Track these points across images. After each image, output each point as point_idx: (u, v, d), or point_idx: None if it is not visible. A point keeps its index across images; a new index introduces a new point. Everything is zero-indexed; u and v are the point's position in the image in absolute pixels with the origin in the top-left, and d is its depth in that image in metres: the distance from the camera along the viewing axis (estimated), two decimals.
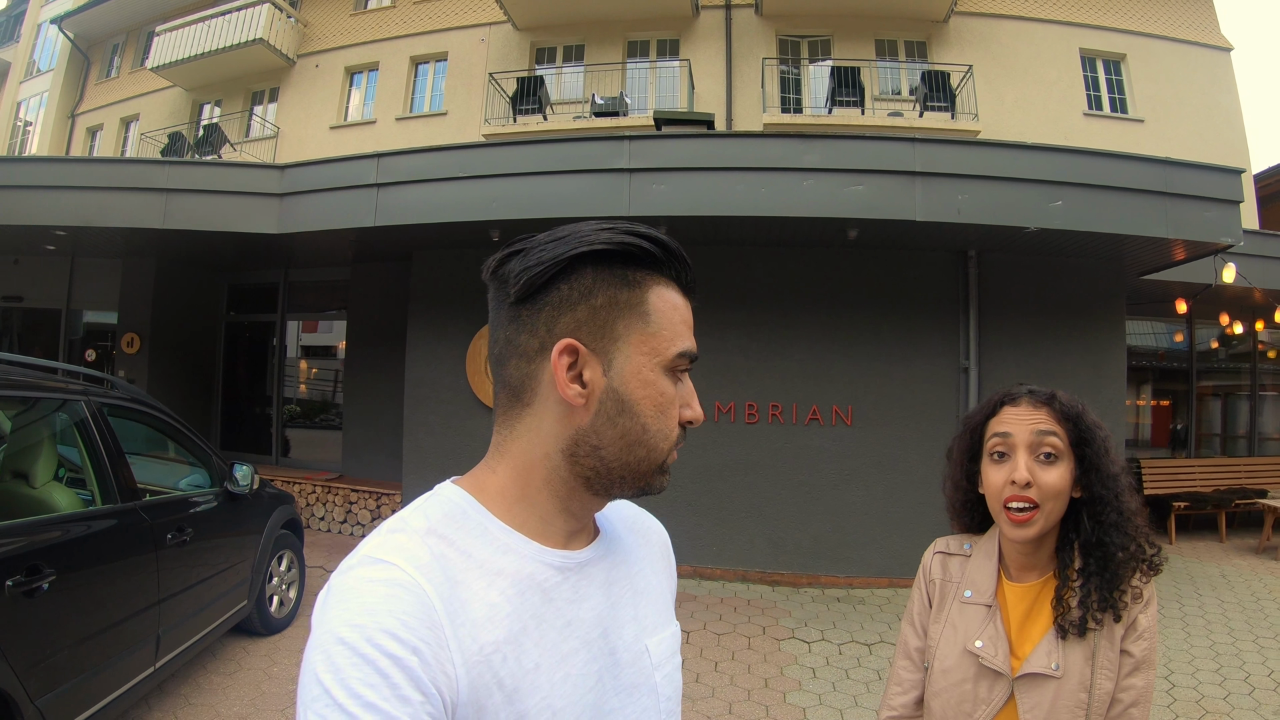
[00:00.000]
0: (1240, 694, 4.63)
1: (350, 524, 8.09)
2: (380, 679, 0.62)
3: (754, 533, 6.77)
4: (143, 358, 9.34)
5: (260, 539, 4.81)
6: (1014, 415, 1.36)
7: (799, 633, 5.54)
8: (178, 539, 3.72)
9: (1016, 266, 6.94)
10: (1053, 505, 1.31)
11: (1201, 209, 6.09)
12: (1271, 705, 4.46)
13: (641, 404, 0.77)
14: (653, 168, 6.06)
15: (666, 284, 0.80)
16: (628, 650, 0.83)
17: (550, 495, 0.80)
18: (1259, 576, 7.39)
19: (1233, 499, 9.27)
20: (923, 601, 1.49)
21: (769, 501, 6.79)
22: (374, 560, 0.70)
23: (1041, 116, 11.75)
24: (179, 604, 3.73)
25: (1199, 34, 12.80)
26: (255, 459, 9.21)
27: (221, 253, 8.63)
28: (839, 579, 6.68)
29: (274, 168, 7.34)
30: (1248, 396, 11.17)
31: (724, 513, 6.80)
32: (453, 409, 7.29)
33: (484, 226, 6.41)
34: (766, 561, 6.76)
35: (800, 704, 4.36)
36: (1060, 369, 6.80)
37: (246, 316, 10.32)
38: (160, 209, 6.96)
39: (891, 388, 6.76)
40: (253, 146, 14.08)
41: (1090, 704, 1.26)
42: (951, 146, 6.45)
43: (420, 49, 13.61)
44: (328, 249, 8.13)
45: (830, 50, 12.60)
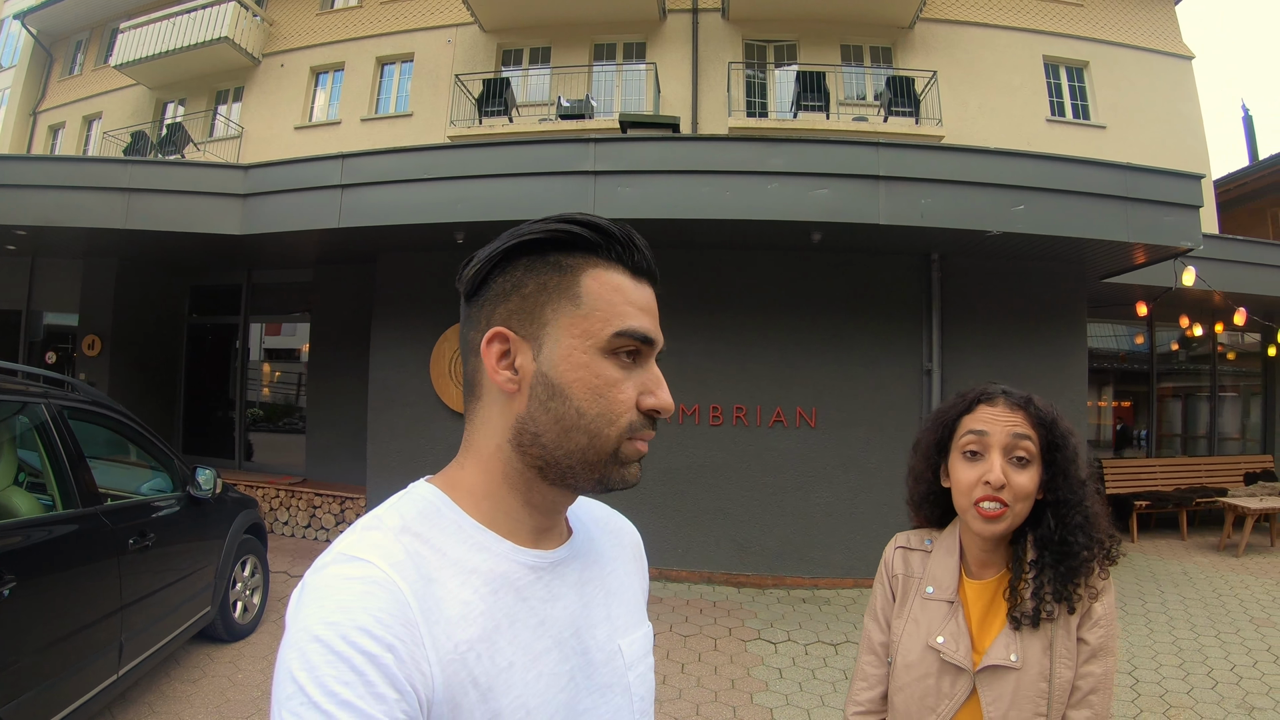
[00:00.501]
0: (1203, 688, 4.71)
1: (314, 528, 7.98)
2: (355, 676, 0.62)
3: (719, 534, 6.77)
4: (104, 360, 9.15)
5: (223, 544, 4.73)
6: (991, 414, 1.37)
7: (765, 634, 5.55)
8: (140, 544, 3.67)
9: (979, 270, 7.01)
10: (1022, 507, 1.33)
11: (1162, 214, 6.19)
12: (1234, 698, 4.54)
13: (573, 387, 0.76)
14: (618, 170, 6.04)
15: (606, 266, 0.79)
16: (601, 650, 0.83)
17: (510, 489, 0.80)
18: (1220, 573, 7.53)
19: (1193, 498, 9.44)
20: (885, 596, 1.50)
21: (734, 503, 6.80)
22: (349, 558, 0.70)
23: (1005, 122, 11.92)
24: (142, 610, 3.68)
25: (1161, 42, 13.05)
26: (218, 463, 9.04)
27: (184, 254, 8.49)
28: (804, 580, 6.69)
29: (238, 168, 7.23)
30: (1208, 397, 11.39)
31: (689, 515, 6.79)
32: (417, 412, 7.22)
33: (449, 229, 6.36)
34: (732, 563, 6.76)
35: (767, 704, 4.36)
36: (1023, 371, 6.87)
37: (209, 319, 10.15)
38: (122, 209, 6.83)
39: (855, 389, 6.79)
40: (217, 146, 13.87)
41: (1051, 693, 1.28)
42: (915, 151, 6.52)
43: (386, 50, 13.53)
44: (292, 251, 8.03)
45: (796, 55, 12.71)
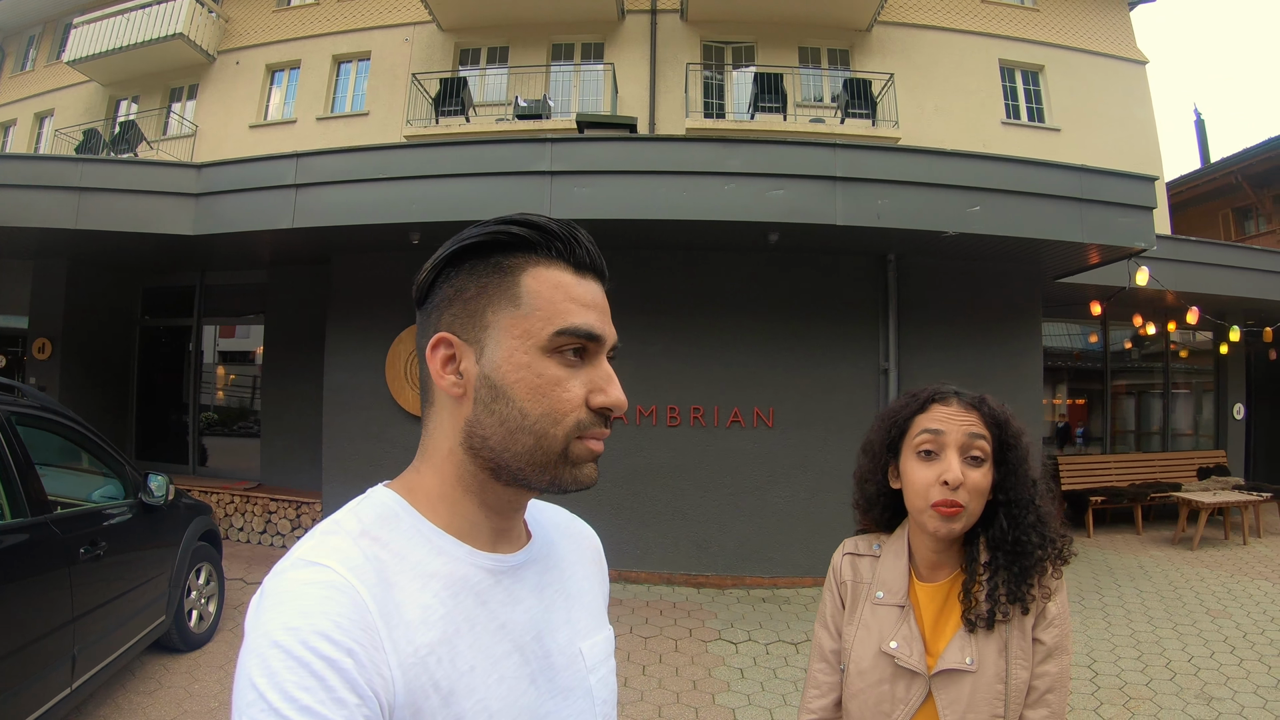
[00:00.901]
0: (1162, 679, 4.79)
1: (270, 534, 7.83)
2: (315, 682, 0.61)
3: (678, 535, 6.76)
4: (55, 364, 8.92)
5: (177, 552, 4.64)
6: (946, 414, 1.36)
7: (726, 634, 5.54)
8: (91, 553, 3.58)
9: (936, 270, 7.07)
10: (976, 505, 1.32)
11: (1117, 215, 6.29)
12: (1192, 689, 4.61)
13: (515, 388, 0.76)
14: (575, 170, 6.00)
15: (548, 264, 0.78)
16: (562, 653, 0.83)
17: (466, 491, 0.79)
18: (1175, 567, 7.67)
19: (1148, 493, 9.62)
20: (834, 603, 1.48)
21: (692, 504, 6.79)
22: (307, 563, 0.69)
23: (961, 124, 12.07)
24: (95, 621, 3.59)
25: (1116, 47, 13.30)
26: (172, 468, 8.88)
27: (137, 255, 8.29)
28: (764, 579, 6.70)
29: (191, 167, 7.07)
30: (1161, 394, 11.62)
31: (647, 516, 6.77)
32: (373, 416, 7.11)
33: (404, 229, 6.26)
34: (691, 564, 6.75)
35: (729, 705, 4.36)
36: (979, 370, 6.95)
37: (162, 321, 9.92)
38: (73, 208, 6.64)
39: (812, 389, 6.81)
40: (170, 145, 13.59)
41: (1008, 694, 1.27)
42: (872, 152, 6.55)
43: (343, 48, 13.37)
44: (245, 251, 7.87)
45: (754, 57, 12.76)
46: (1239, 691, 4.57)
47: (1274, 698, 4.48)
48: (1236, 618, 5.99)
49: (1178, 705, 4.40)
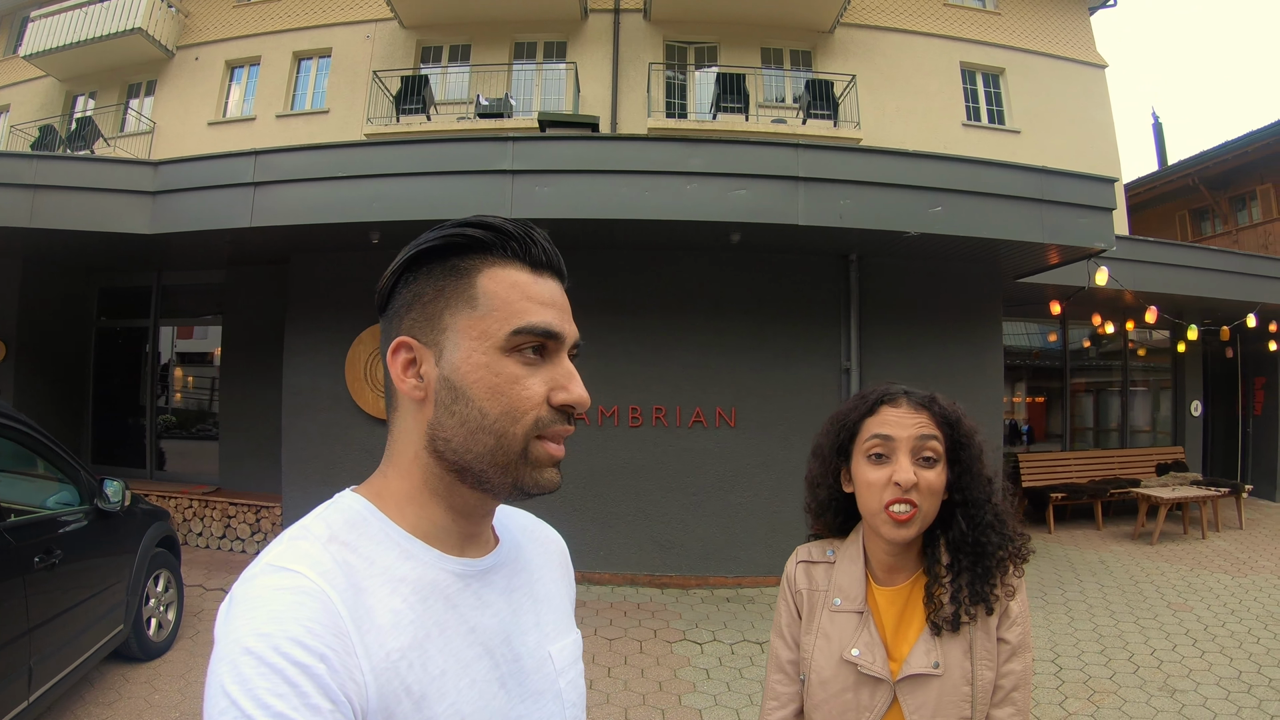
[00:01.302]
0: (1125, 672, 4.86)
1: (229, 539, 7.68)
2: (289, 688, 0.61)
3: (641, 536, 6.74)
4: (8, 366, 8.67)
5: (135, 559, 4.55)
6: (895, 416, 1.33)
7: (690, 634, 5.54)
8: (46, 562, 3.51)
9: (897, 270, 7.12)
10: (930, 506, 1.30)
11: (1076, 215, 6.38)
12: (1156, 681, 4.68)
13: (473, 388, 0.76)
14: (536, 170, 5.95)
15: (504, 264, 0.79)
16: (531, 657, 0.83)
17: (433, 495, 0.79)
18: (1136, 561, 7.80)
19: (1108, 489, 9.77)
20: (790, 613, 1.45)
21: (655, 504, 6.78)
22: (277, 568, 0.69)
23: (922, 126, 12.20)
24: (51, 632, 3.52)
25: (1075, 51, 13.51)
26: (129, 473, 8.71)
27: (92, 254, 8.11)
28: (728, 579, 6.70)
29: (148, 164, 6.92)
30: (1119, 392, 11.82)
31: (610, 517, 6.74)
32: (332, 417, 7.01)
33: (364, 228, 6.18)
34: (655, 564, 6.73)
35: (696, 705, 4.35)
36: (940, 369, 7.01)
37: (119, 322, 9.70)
38: (27, 206, 6.47)
39: (774, 389, 6.83)
40: (128, 142, 13.32)
41: (974, 695, 1.25)
42: (835, 152, 6.58)
43: (304, 44, 13.19)
44: (203, 251, 7.72)
45: (717, 57, 12.80)
46: (1201, 683, 4.65)
47: (1236, 689, 4.57)
48: (1197, 610, 6.11)
49: (1141, 698, 4.47)
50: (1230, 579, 7.03)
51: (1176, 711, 4.27)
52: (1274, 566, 7.49)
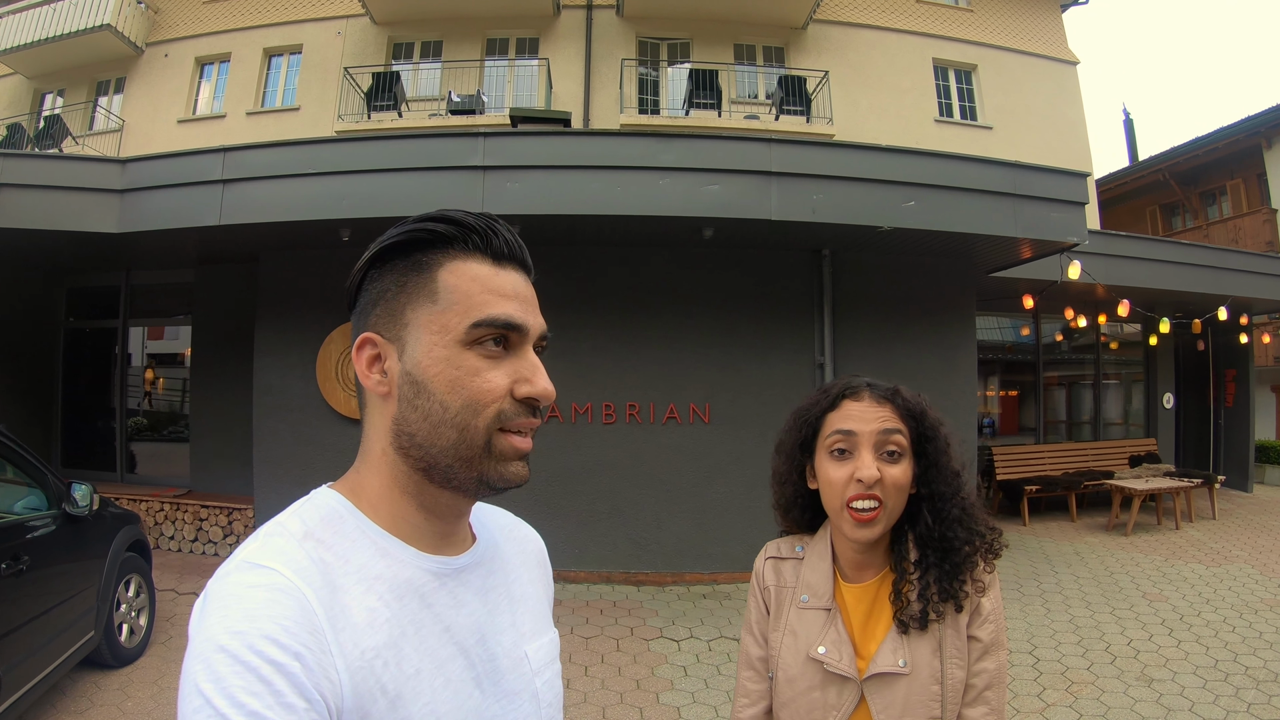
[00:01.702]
0: (1103, 663, 4.90)
1: (202, 542, 7.58)
2: (263, 686, 0.60)
3: (616, 534, 6.72)
4: None
5: (105, 563, 4.48)
6: (857, 411, 1.30)
7: (667, 631, 5.53)
8: (13, 569, 3.48)
9: (870, 265, 7.14)
10: (895, 503, 1.27)
11: (1049, 210, 6.42)
12: (1133, 671, 4.72)
13: (434, 382, 0.75)
14: (507, 165, 5.90)
15: (465, 258, 0.78)
16: (507, 656, 0.83)
17: (403, 493, 0.79)
18: (1110, 552, 7.89)
19: (1082, 481, 9.89)
20: (759, 610, 1.42)
21: (629, 502, 6.76)
22: (252, 565, 0.69)
23: (894, 122, 12.26)
24: (20, 640, 3.47)
25: (1047, 48, 13.64)
26: (100, 476, 8.62)
27: (60, 254, 7.97)
28: (703, 575, 6.70)
29: (115, 162, 6.78)
30: (1091, 385, 11.94)
31: (584, 515, 6.71)
32: (304, 417, 6.94)
33: (334, 225, 6.11)
34: (630, 562, 6.72)
35: (674, 703, 4.34)
36: (913, 363, 7.04)
37: (87, 323, 9.56)
38: None
39: (748, 385, 6.82)
40: (97, 140, 13.12)
41: (944, 695, 1.23)
42: (807, 147, 6.58)
43: (274, 41, 13.08)
44: (172, 249, 7.61)
45: (690, 53, 12.82)
46: (1179, 673, 4.70)
47: (1213, 678, 4.61)
48: (1173, 600, 6.17)
49: (1119, 688, 4.50)
50: (1204, 569, 7.11)
51: (1154, 701, 4.31)
52: (1247, 556, 7.60)
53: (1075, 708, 4.26)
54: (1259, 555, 7.63)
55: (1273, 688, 4.45)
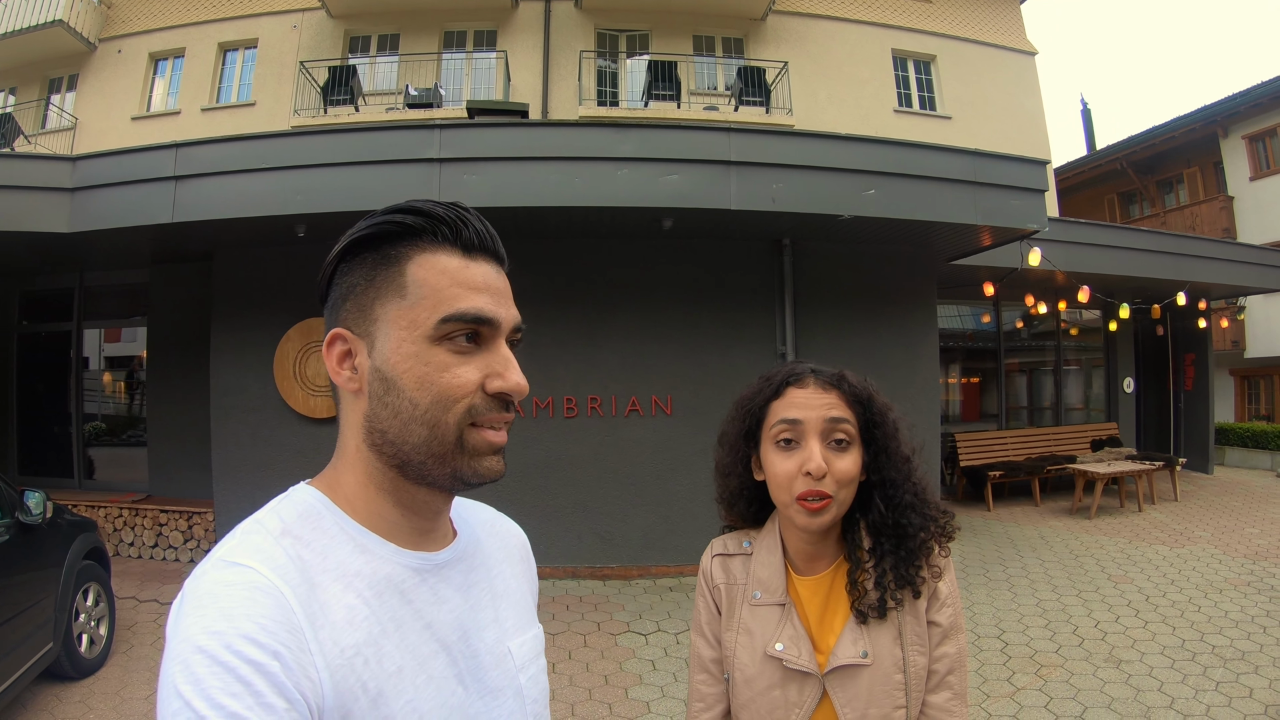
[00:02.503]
0: (1071, 645, 4.95)
1: (162, 548, 7.44)
2: (243, 687, 0.60)
3: (581, 528, 6.69)
4: None
5: (61, 573, 4.37)
6: (803, 398, 1.26)
7: (635, 625, 5.52)
8: None
9: (831, 254, 7.16)
10: (846, 494, 1.23)
11: (1009, 197, 6.47)
12: (1101, 653, 4.77)
13: (403, 379, 0.74)
14: (464, 157, 5.84)
15: (434, 250, 0.77)
16: (490, 653, 0.82)
17: (379, 490, 0.78)
18: (1075, 535, 7.99)
19: (1045, 465, 10.02)
20: (709, 610, 1.37)
21: (593, 496, 6.74)
22: (229, 563, 0.68)
23: (854, 112, 12.35)
24: None
25: (1006, 38, 13.78)
26: (56, 483, 8.44)
27: (11, 255, 7.75)
28: (670, 568, 6.69)
29: (66, 160, 6.62)
30: (1052, 371, 12.11)
31: (549, 509, 6.67)
32: (262, 418, 6.83)
33: (289, 221, 6.02)
34: (596, 556, 6.70)
35: (643, 698, 4.32)
36: (876, 352, 7.08)
37: (41, 326, 9.34)
38: None
39: (711, 376, 6.82)
40: (49, 139, 12.85)
41: (908, 683, 1.21)
42: (767, 136, 6.58)
43: (229, 35, 12.89)
44: (125, 249, 7.46)
45: (649, 45, 12.81)
46: (1146, 653, 4.76)
47: (1180, 657, 4.68)
48: (1138, 582, 6.25)
49: (1088, 669, 4.55)
50: (1168, 550, 7.23)
51: (1123, 681, 4.37)
52: (1210, 537, 7.73)
53: (1045, 690, 4.30)
54: (1221, 536, 7.76)
55: (1240, 666, 4.52)
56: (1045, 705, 4.13)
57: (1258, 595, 5.80)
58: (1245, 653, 4.71)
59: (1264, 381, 15.15)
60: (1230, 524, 8.35)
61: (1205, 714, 3.96)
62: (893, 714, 1.21)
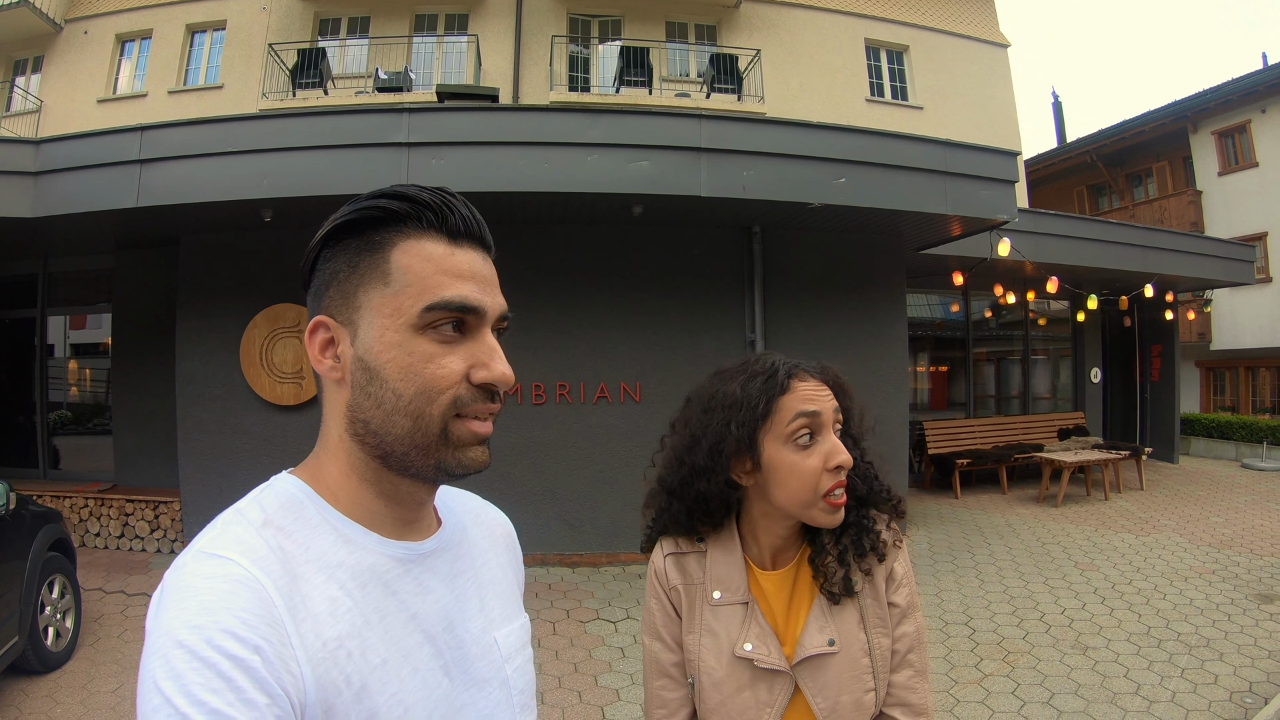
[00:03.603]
0: (1038, 632, 5.00)
1: (128, 538, 7.33)
2: (223, 683, 0.59)
3: (549, 515, 6.68)
4: None
5: (26, 565, 4.28)
6: (811, 390, 1.23)
7: (604, 613, 5.53)
8: None
9: (801, 242, 7.19)
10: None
11: (979, 188, 6.51)
12: (1068, 640, 4.82)
13: (386, 369, 0.72)
14: (433, 142, 5.78)
15: (419, 237, 0.75)
16: (476, 643, 0.81)
17: (361, 480, 0.77)
18: (1041, 523, 8.08)
19: (1012, 454, 10.12)
20: (665, 613, 1.32)
21: (562, 483, 6.73)
22: (208, 555, 0.67)
23: (825, 101, 12.39)
24: None
25: (979, 30, 13.87)
26: (21, 473, 8.29)
27: None
28: (639, 556, 6.57)
29: (28, 143, 6.47)
30: (1020, 360, 12.24)
31: (517, 497, 6.60)
32: (228, 406, 6.75)
33: (255, 205, 5.93)
34: (564, 544, 6.70)
35: (613, 685, 4.33)
36: (845, 340, 7.12)
37: (4, 313, 9.14)
38: None
39: (679, 362, 6.83)
40: (14, 122, 12.61)
41: (874, 666, 1.21)
42: (738, 124, 6.56)
43: (197, 16, 12.68)
44: (89, 234, 7.33)
45: (621, 31, 12.76)
46: (1112, 640, 4.83)
47: (1146, 644, 4.75)
48: (1104, 570, 6.33)
49: (1055, 655, 4.61)
50: (1134, 538, 7.32)
51: (1090, 668, 4.42)
52: (1175, 525, 7.85)
53: (1013, 676, 4.35)
54: (1186, 524, 7.88)
55: (1205, 653, 4.59)
56: (1013, 691, 4.17)
57: (1222, 583, 5.89)
58: (1210, 640, 4.79)
59: (1229, 373, 15.43)
60: (1195, 513, 8.47)
61: (1171, 700, 4.02)
62: (864, 698, 1.21)
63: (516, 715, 0.85)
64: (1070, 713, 3.92)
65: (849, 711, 1.21)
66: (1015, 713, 3.94)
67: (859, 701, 1.21)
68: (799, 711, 1.23)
